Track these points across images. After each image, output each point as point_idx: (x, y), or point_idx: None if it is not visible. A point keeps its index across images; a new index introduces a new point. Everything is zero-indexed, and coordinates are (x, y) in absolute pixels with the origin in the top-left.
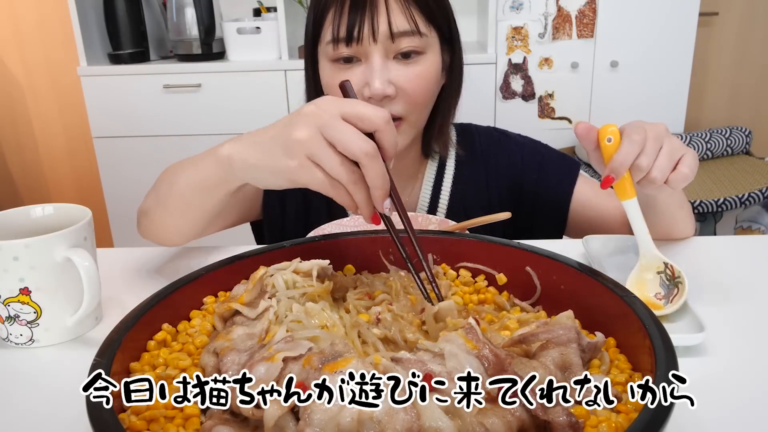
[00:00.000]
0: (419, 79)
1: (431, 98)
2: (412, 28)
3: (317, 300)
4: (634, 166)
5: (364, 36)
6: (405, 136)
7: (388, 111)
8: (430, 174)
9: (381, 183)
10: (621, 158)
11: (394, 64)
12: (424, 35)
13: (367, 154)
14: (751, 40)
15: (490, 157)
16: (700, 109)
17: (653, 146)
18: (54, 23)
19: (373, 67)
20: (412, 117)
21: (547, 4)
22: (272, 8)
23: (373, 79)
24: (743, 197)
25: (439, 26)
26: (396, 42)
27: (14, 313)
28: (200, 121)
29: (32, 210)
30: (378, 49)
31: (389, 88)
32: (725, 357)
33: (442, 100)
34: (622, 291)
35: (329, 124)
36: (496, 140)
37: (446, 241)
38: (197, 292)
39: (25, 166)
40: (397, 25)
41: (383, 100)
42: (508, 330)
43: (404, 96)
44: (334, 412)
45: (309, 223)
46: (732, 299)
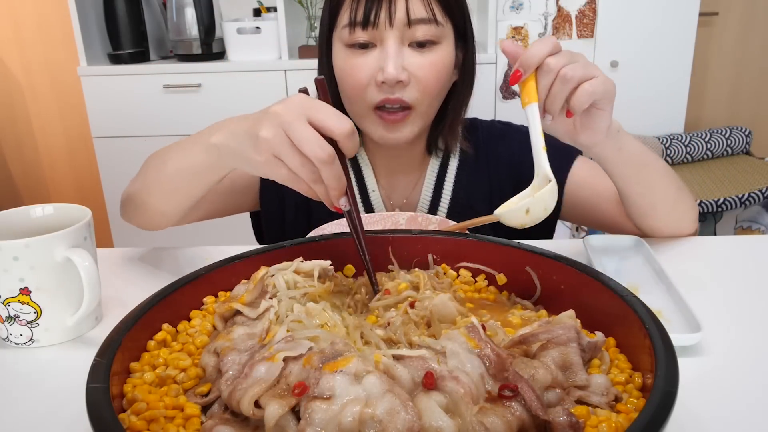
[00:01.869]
0: (433, 68)
1: (442, 90)
2: (429, 16)
3: (318, 300)
4: (544, 66)
5: (381, 20)
6: (413, 126)
7: (351, 123)
8: (433, 170)
9: (336, 185)
10: (532, 51)
11: (408, 51)
12: (441, 25)
13: (321, 161)
14: (751, 40)
15: (491, 149)
16: (700, 109)
17: (567, 54)
18: (54, 23)
19: (388, 53)
20: (422, 107)
21: (547, 4)
22: (272, 8)
23: (387, 63)
24: (743, 197)
25: (455, 20)
26: (412, 29)
27: (14, 313)
28: (200, 121)
29: (32, 210)
30: (394, 35)
31: (403, 74)
32: (723, 357)
33: (454, 97)
34: (622, 291)
35: (293, 125)
36: (498, 131)
37: (446, 242)
38: (197, 292)
39: (25, 166)
40: (414, 11)
41: (396, 86)
42: (510, 327)
43: (417, 84)
44: (335, 411)
45: (311, 215)
46: (731, 299)
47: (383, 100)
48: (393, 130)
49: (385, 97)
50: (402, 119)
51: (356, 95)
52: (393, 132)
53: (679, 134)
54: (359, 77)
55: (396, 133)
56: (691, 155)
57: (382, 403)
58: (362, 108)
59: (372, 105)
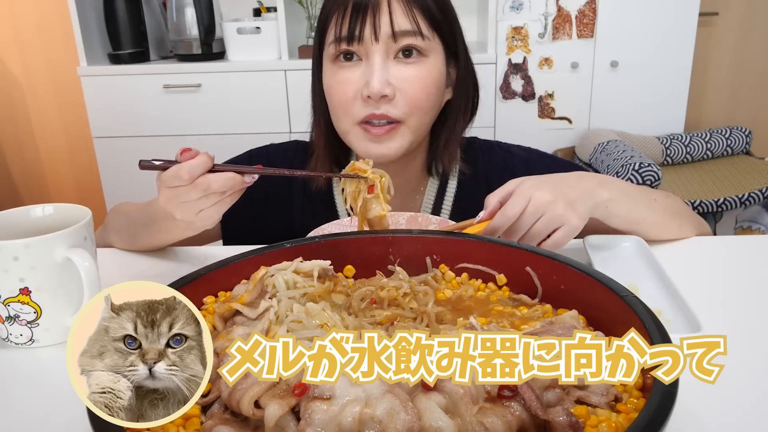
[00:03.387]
0: (418, 81)
1: (432, 105)
2: (414, 28)
3: (318, 300)
4: (514, 226)
5: (366, 35)
6: (402, 139)
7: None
8: (432, 190)
9: (222, 182)
10: (507, 215)
11: (394, 65)
12: (427, 38)
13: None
14: (751, 40)
15: (493, 176)
16: (700, 109)
17: (528, 220)
18: (54, 23)
19: (373, 67)
20: (411, 121)
21: (547, 4)
22: (272, 8)
23: (372, 77)
24: (743, 197)
25: (443, 34)
26: (398, 41)
27: (14, 313)
28: (200, 121)
29: (32, 210)
30: (379, 49)
31: (387, 88)
32: (723, 356)
33: (449, 116)
34: (622, 291)
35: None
36: (500, 158)
37: (446, 242)
38: (197, 292)
39: (25, 166)
40: (399, 24)
41: (381, 101)
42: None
43: (402, 97)
44: (335, 412)
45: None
46: (731, 299)
47: (369, 115)
48: (378, 144)
49: (370, 113)
50: (387, 132)
51: (343, 110)
52: (378, 146)
53: (679, 134)
54: (345, 92)
55: (382, 147)
56: (691, 155)
57: (382, 404)
58: (348, 123)
59: (357, 120)
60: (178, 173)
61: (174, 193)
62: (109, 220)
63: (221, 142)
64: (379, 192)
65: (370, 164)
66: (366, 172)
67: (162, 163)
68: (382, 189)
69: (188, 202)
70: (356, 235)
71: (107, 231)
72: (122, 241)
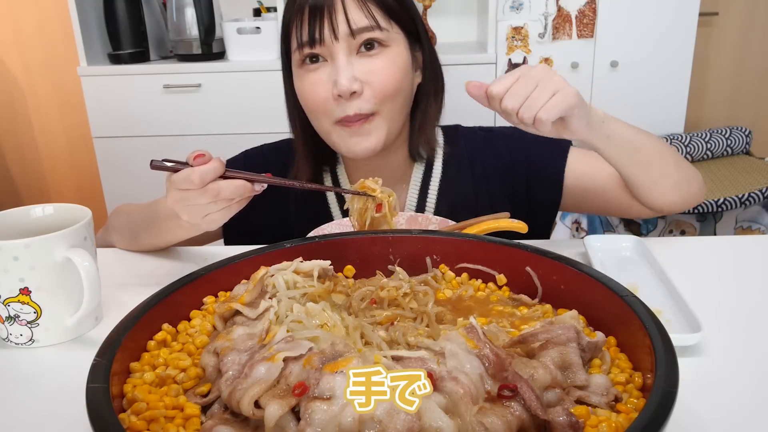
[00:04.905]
0: (384, 71)
1: (402, 92)
2: (371, 23)
3: (318, 300)
4: (502, 109)
5: (326, 36)
6: (380, 131)
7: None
8: (417, 176)
9: (233, 189)
10: (494, 89)
11: (358, 60)
12: (385, 30)
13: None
14: (751, 40)
15: (477, 159)
16: (700, 109)
17: (525, 84)
18: (54, 23)
19: (338, 65)
20: (385, 110)
21: (547, 4)
22: (272, 8)
23: (339, 76)
24: (743, 197)
25: (403, 23)
26: (357, 38)
27: (14, 313)
28: (200, 121)
29: (32, 210)
30: (341, 48)
31: (355, 84)
32: (723, 356)
33: (420, 100)
34: (622, 291)
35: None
36: (481, 139)
37: (446, 242)
38: (197, 292)
39: (25, 166)
40: (355, 21)
41: (351, 98)
42: (514, 328)
43: (371, 90)
44: (335, 412)
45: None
46: (731, 299)
47: (344, 118)
48: (358, 138)
49: (345, 115)
50: (366, 121)
51: (318, 112)
52: (360, 140)
53: (679, 134)
54: (317, 93)
55: (362, 140)
56: (691, 155)
57: (382, 404)
58: (327, 123)
59: (334, 120)
60: (189, 177)
61: (183, 195)
62: (111, 221)
63: (221, 142)
64: (387, 211)
65: (379, 183)
66: (375, 191)
67: (173, 165)
68: (389, 208)
69: (196, 206)
70: (356, 235)
71: (109, 231)
72: (124, 241)
